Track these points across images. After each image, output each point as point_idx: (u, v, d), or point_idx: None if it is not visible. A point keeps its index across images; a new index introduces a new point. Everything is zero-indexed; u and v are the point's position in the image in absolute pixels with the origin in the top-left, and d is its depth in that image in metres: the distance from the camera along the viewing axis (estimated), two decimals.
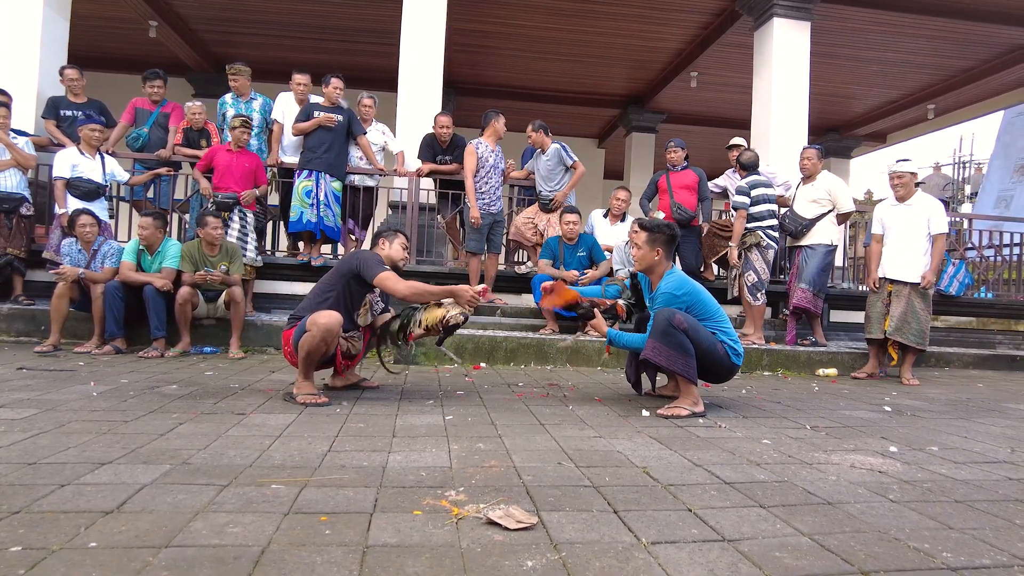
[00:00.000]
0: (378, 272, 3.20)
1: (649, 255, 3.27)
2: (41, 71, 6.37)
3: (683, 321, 3.04)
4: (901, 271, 4.92)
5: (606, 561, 1.37)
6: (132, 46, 9.74)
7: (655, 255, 3.26)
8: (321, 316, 3.03)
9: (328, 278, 3.32)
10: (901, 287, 4.91)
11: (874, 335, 5.04)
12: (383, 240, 3.52)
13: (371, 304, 3.56)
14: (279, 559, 1.32)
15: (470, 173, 5.74)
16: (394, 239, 3.51)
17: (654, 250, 3.25)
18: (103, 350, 4.63)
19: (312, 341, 3.01)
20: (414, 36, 6.82)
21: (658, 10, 8.24)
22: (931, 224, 4.88)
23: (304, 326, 3.06)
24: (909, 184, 4.97)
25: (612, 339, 3.30)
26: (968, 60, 9.37)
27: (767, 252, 5.51)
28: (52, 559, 1.29)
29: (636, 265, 3.37)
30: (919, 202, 4.95)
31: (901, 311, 4.88)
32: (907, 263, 4.90)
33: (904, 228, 4.94)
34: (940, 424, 3.18)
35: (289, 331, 3.23)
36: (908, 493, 1.95)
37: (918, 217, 4.91)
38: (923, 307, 4.92)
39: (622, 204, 6.10)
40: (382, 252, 3.46)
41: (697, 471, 2.11)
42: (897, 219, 4.98)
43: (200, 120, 6.22)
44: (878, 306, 5.03)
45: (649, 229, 3.28)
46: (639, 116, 11.79)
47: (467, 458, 2.17)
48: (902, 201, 4.98)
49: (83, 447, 2.12)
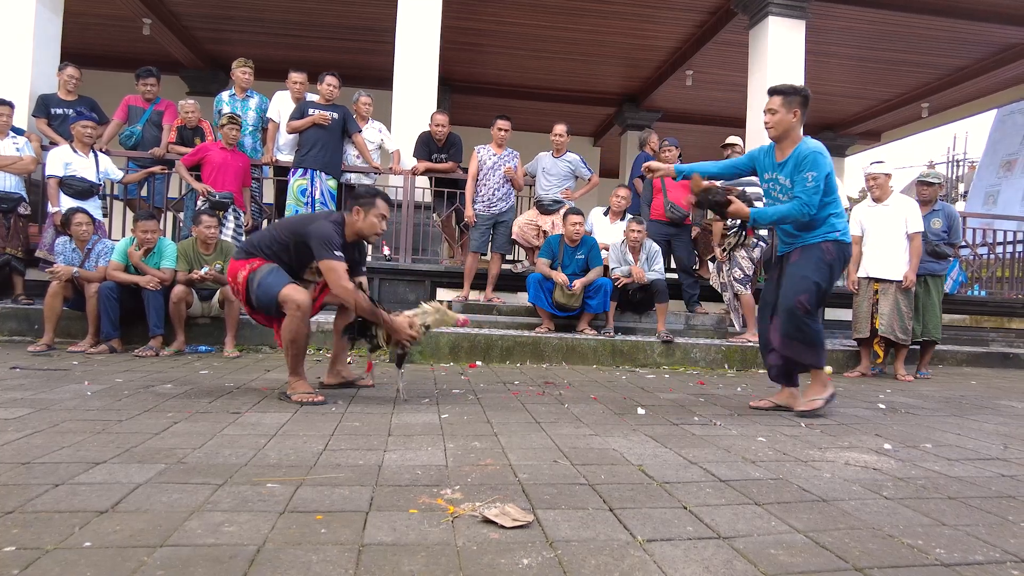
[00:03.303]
0: (325, 257, 2.94)
1: (786, 118, 3.08)
2: (34, 69, 6.33)
3: (807, 301, 3.02)
4: (885, 270, 5.00)
5: (602, 559, 1.37)
6: (125, 43, 9.69)
7: (792, 117, 3.08)
8: (296, 293, 2.87)
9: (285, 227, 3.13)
10: (887, 285, 4.99)
11: (861, 334, 5.12)
12: (358, 209, 3.12)
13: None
14: (274, 558, 1.32)
15: (471, 177, 5.90)
16: (371, 209, 3.11)
17: (791, 112, 3.08)
18: (97, 349, 4.61)
19: (296, 326, 2.89)
20: (409, 34, 6.81)
21: (653, 8, 8.24)
22: (908, 223, 4.97)
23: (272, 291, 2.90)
24: (885, 185, 5.07)
25: (758, 217, 3.14)
26: (961, 59, 9.41)
27: (753, 251, 5.56)
28: (46, 559, 1.28)
29: (772, 131, 3.17)
30: (896, 202, 5.05)
31: (889, 309, 4.96)
32: (890, 262, 4.99)
33: (883, 228, 5.03)
34: (934, 421, 3.20)
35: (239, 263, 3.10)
36: (902, 490, 1.96)
37: (896, 217, 5.01)
38: (906, 304, 5.02)
39: (622, 202, 6.11)
40: (353, 223, 3.12)
41: (692, 469, 2.12)
42: (875, 220, 5.07)
43: (194, 119, 6.19)
44: (864, 305, 5.11)
45: (783, 91, 3.10)
46: (634, 114, 11.80)
47: (463, 456, 2.17)
48: (879, 202, 5.08)
49: (77, 446, 2.11)
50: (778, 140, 3.19)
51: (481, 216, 5.86)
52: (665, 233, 6.01)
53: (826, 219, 3.14)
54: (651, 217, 6.06)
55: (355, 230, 3.13)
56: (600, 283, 5.34)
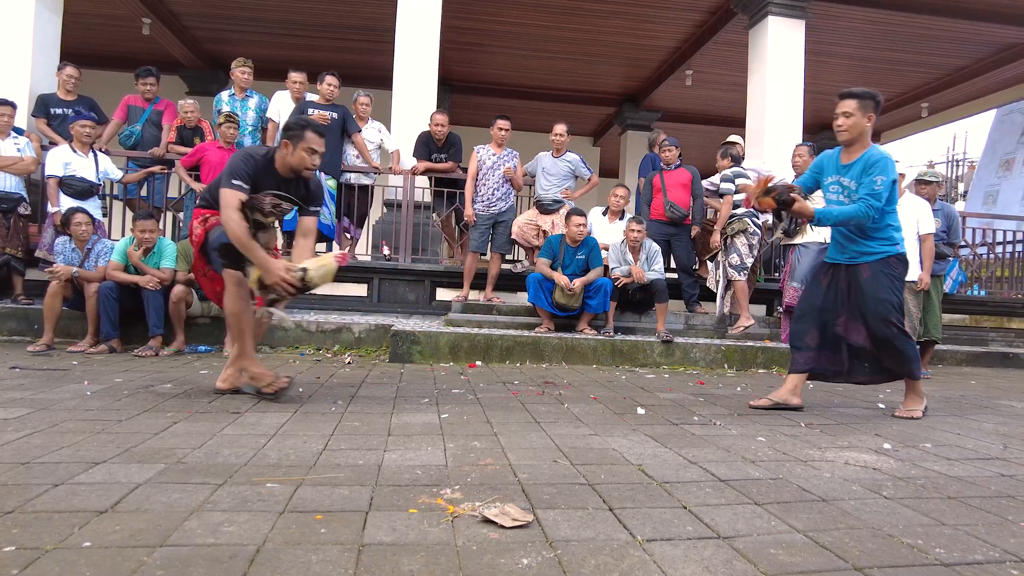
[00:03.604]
0: (223, 186, 2.76)
1: (860, 121, 3.11)
2: (33, 69, 6.33)
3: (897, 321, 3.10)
4: None
5: (601, 559, 1.37)
6: (125, 43, 9.69)
7: (867, 121, 3.12)
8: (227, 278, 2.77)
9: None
10: None
11: None
12: (286, 143, 2.93)
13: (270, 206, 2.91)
14: (274, 558, 1.32)
15: (471, 177, 5.91)
16: (299, 143, 2.91)
17: (866, 115, 3.11)
18: (97, 349, 4.61)
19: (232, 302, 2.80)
20: (409, 33, 6.81)
21: (653, 8, 8.25)
22: (920, 224, 4.97)
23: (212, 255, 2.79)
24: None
25: (822, 216, 3.12)
26: (961, 58, 9.42)
27: (752, 238, 5.61)
28: (46, 559, 1.28)
29: (845, 135, 3.16)
30: (907, 203, 5.04)
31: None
32: None
33: None
34: (933, 421, 3.20)
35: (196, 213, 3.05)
36: (902, 490, 1.96)
37: (907, 218, 4.97)
38: (915, 305, 5.05)
39: (621, 201, 6.11)
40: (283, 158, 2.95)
41: (692, 468, 2.12)
42: None
43: (193, 118, 6.20)
44: None
45: (858, 95, 3.11)
46: (634, 114, 11.81)
47: (462, 456, 2.16)
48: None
49: (77, 446, 2.11)
50: (849, 144, 3.21)
51: (481, 216, 5.86)
52: (665, 233, 6.01)
53: (885, 228, 3.18)
54: (651, 217, 6.06)
55: (287, 165, 2.97)
56: (600, 283, 5.34)
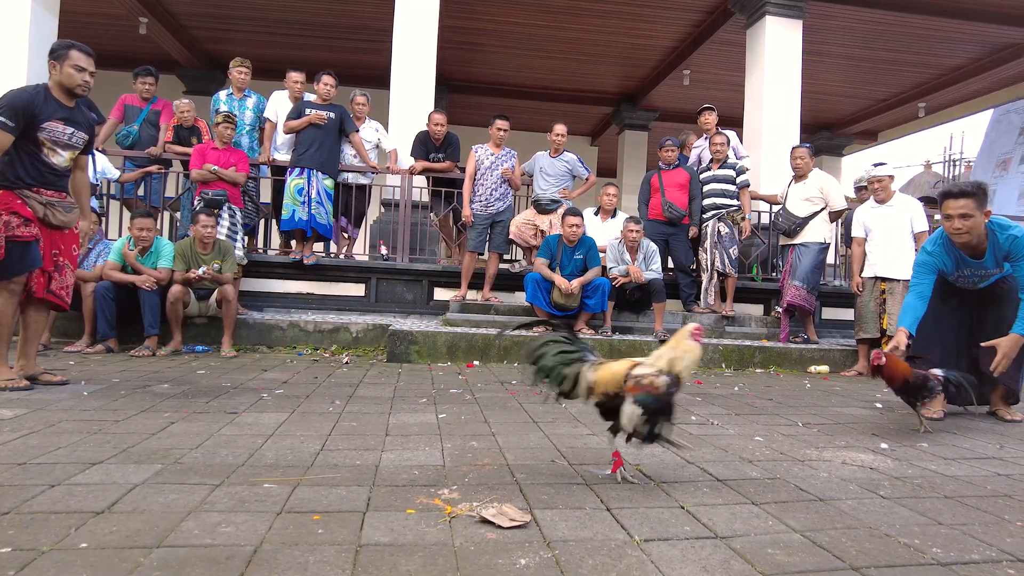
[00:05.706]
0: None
1: (980, 220, 2.89)
2: (29, 69, 6.30)
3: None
4: (893, 269, 5.00)
5: (599, 559, 1.37)
6: (122, 42, 9.65)
7: (984, 218, 2.91)
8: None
9: None
10: (895, 284, 4.98)
11: (869, 334, 5.10)
12: (52, 63, 2.81)
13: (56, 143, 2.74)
14: (272, 558, 1.32)
15: (468, 177, 5.90)
16: (65, 61, 2.81)
17: (984, 212, 2.90)
18: (94, 349, 4.60)
19: (3, 305, 2.68)
20: (407, 33, 6.80)
21: (651, 8, 8.25)
22: (914, 223, 5.02)
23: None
24: (888, 187, 5.13)
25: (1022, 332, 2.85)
26: (958, 58, 9.43)
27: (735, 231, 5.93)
28: (42, 560, 1.28)
29: (965, 236, 2.94)
30: (899, 202, 5.10)
31: (899, 308, 4.94)
32: (897, 261, 4.99)
33: (888, 229, 5.06)
34: (930, 421, 3.20)
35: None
36: (899, 489, 1.97)
37: (900, 217, 5.05)
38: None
39: (612, 199, 6.11)
40: (53, 79, 2.83)
41: (690, 468, 2.12)
42: (880, 220, 5.10)
43: (190, 118, 6.18)
44: (871, 306, 5.10)
45: (972, 193, 2.85)
46: (632, 114, 11.81)
47: (460, 456, 2.16)
48: (883, 203, 5.11)
49: (73, 447, 2.10)
50: (971, 243, 3.04)
51: (479, 216, 5.85)
52: (663, 232, 6.02)
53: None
54: (649, 216, 6.06)
55: (61, 86, 2.88)
56: (598, 283, 5.34)
